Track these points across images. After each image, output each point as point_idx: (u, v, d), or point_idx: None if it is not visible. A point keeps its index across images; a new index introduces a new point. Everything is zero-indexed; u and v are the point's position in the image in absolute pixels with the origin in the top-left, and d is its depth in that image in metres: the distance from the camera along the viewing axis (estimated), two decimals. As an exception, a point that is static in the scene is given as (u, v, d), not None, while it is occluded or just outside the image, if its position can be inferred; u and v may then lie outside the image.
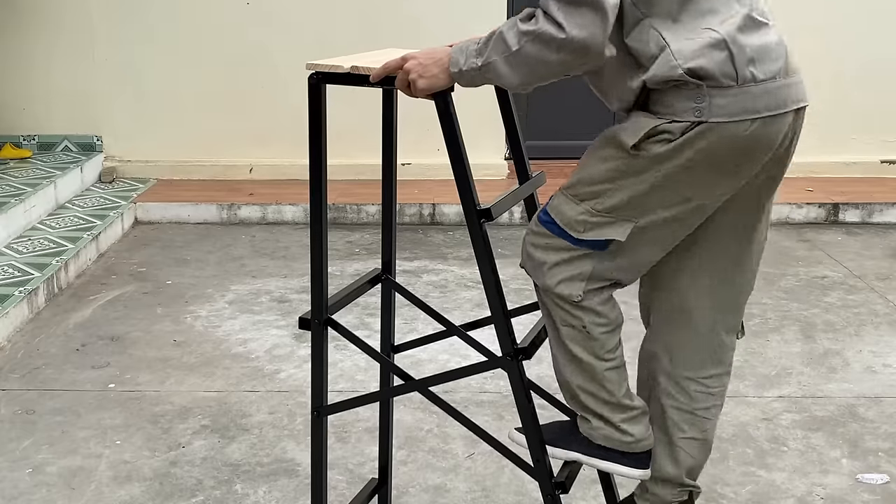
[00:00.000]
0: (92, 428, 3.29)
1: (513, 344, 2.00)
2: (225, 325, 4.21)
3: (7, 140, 6.33)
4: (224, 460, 3.08)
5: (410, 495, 2.88)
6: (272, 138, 6.35)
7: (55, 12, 6.24)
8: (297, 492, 2.89)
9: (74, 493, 2.89)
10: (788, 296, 4.59)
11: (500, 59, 1.87)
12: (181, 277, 4.84)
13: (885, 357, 3.89)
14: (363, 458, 3.08)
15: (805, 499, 2.88)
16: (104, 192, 6.09)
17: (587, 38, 1.79)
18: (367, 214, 5.80)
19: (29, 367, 3.76)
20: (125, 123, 6.42)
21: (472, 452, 3.10)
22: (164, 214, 5.86)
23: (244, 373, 3.73)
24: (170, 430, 3.28)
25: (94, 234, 5.14)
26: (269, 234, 5.64)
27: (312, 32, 6.15)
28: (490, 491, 2.90)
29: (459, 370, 2.16)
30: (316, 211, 2.08)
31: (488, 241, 1.97)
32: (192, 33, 6.30)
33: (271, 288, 4.68)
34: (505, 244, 5.32)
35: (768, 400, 3.51)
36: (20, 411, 3.41)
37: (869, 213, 5.89)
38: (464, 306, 4.43)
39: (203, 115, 6.38)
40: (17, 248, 4.86)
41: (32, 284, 4.33)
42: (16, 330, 4.09)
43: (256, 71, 6.31)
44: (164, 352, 3.93)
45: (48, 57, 6.30)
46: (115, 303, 4.48)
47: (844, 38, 6.35)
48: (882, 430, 3.29)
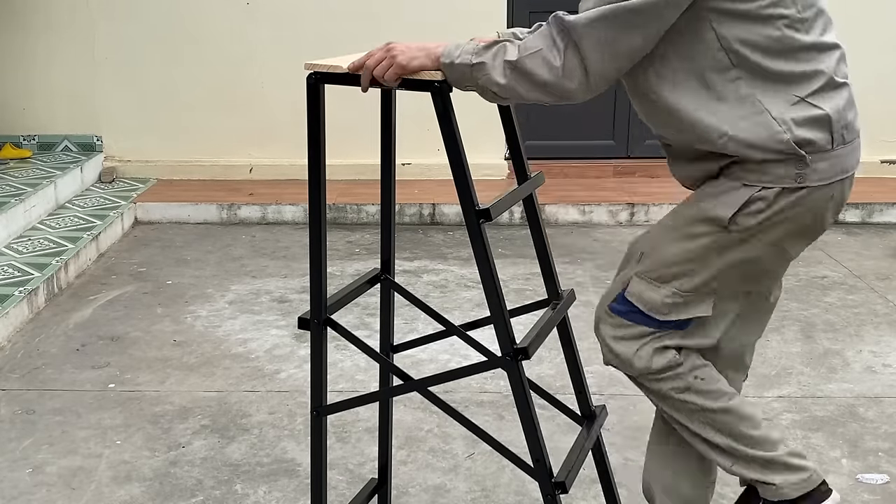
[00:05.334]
0: (92, 428, 3.29)
1: (513, 344, 1.99)
2: (225, 325, 4.21)
3: (7, 140, 6.33)
4: (224, 460, 3.08)
5: (410, 495, 2.88)
6: (272, 138, 6.35)
7: (55, 12, 6.25)
8: (297, 492, 2.89)
9: (74, 493, 2.89)
10: (788, 296, 4.59)
11: (493, 63, 1.88)
12: (181, 277, 4.84)
13: (885, 357, 3.89)
14: (363, 458, 3.08)
15: (805, 499, 2.87)
16: (104, 192, 6.09)
17: (574, 90, 1.84)
18: (367, 214, 5.80)
19: (29, 367, 3.76)
20: (125, 123, 6.42)
21: (472, 452, 3.10)
22: (164, 214, 5.86)
23: (244, 373, 3.73)
24: (170, 430, 3.28)
25: (94, 234, 5.14)
26: (269, 234, 5.64)
27: (312, 32, 6.15)
28: (490, 491, 2.90)
29: (459, 370, 2.15)
30: (315, 211, 2.08)
31: (488, 241, 1.97)
32: (192, 33, 6.30)
33: (271, 288, 4.68)
34: (505, 244, 5.32)
35: (768, 400, 3.51)
36: (20, 411, 3.41)
37: (869, 213, 5.89)
38: (464, 306, 4.43)
39: (203, 115, 6.39)
40: (17, 248, 4.86)
41: (32, 284, 4.33)
42: (16, 330, 4.09)
43: (256, 71, 6.31)
44: (164, 352, 3.93)
45: (48, 57, 6.31)
46: (115, 303, 4.48)
47: (844, 38, 6.33)
48: (882, 430, 3.29)
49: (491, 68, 1.87)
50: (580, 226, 5.75)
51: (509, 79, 1.87)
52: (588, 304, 4.30)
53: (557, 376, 3.58)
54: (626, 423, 3.29)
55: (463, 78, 1.91)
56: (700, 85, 1.89)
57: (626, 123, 6.54)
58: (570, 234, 5.54)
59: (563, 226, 5.77)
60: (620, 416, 3.32)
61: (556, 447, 2.78)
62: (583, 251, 5.27)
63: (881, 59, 6.43)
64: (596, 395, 2.89)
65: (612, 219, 5.83)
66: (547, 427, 2.62)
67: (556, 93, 1.86)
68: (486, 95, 1.94)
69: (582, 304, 4.23)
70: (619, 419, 3.30)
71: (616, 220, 5.82)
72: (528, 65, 1.85)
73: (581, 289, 4.54)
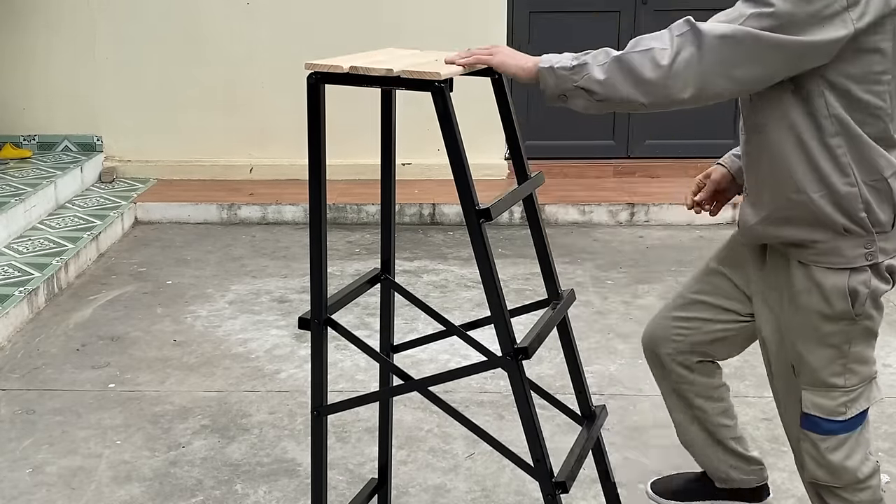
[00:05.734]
0: (92, 428, 3.29)
1: (513, 344, 1.99)
2: (225, 325, 4.21)
3: (7, 140, 6.33)
4: (224, 460, 3.08)
5: (410, 495, 2.88)
6: (272, 138, 6.35)
7: (55, 12, 6.25)
8: (297, 492, 2.89)
9: (74, 493, 2.89)
10: (788, 296, 4.58)
11: (594, 61, 1.90)
12: (181, 277, 4.84)
13: (885, 357, 3.88)
14: (363, 458, 3.08)
15: (805, 499, 2.86)
16: (104, 192, 6.09)
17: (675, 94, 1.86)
18: (367, 214, 5.80)
19: (29, 367, 3.76)
20: (125, 123, 6.42)
21: (472, 452, 3.10)
22: (164, 214, 5.86)
23: (244, 373, 3.73)
24: (170, 430, 3.28)
25: (94, 234, 5.14)
26: (269, 234, 5.64)
27: (312, 32, 6.15)
28: (490, 491, 2.90)
29: (459, 370, 2.16)
30: (315, 211, 2.08)
31: (488, 240, 1.97)
32: (191, 33, 6.30)
33: (271, 288, 4.68)
34: (505, 244, 5.32)
35: (768, 400, 3.49)
36: (20, 411, 3.41)
37: (869, 213, 5.88)
38: (464, 306, 4.43)
39: (203, 115, 6.38)
40: (17, 248, 4.86)
41: (32, 284, 4.33)
42: (16, 330, 4.09)
43: (256, 71, 6.31)
44: (164, 352, 3.93)
45: (48, 57, 6.31)
46: (115, 303, 4.48)
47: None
48: (882, 430, 3.29)
49: (592, 67, 1.90)
50: (580, 226, 5.75)
51: (609, 73, 1.88)
52: (588, 304, 4.30)
53: (557, 376, 3.58)
54: (626, 423, 3.29)
55: (561, 81, 1.92)
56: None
57: (626, 123, 6.54)
58: (570, 234, 5.54)
59: (563, 226, 5.77)
60: (620, 416, 3.32)
61: (556, 447, 2.78)
62: (583, 251, 5.27)
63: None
64: (596, 395, 2.89)
65: (612, 219, 5.83)
66: (547, 427, 2.62)
67: (655, 93, 1.87)
68: (577, 102, 1.96)
69: (582, 304, 4.24)
70: (619, 419, 3.30)
71: (616, 220, 5.82)
72: (634, 60, 1.87)
73: (581, 289, 4.54)
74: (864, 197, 1.95)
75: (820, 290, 2.01)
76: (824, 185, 1.95)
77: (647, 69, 1.86)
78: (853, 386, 2.07)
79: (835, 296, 2.00)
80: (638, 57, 1.87)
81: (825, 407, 2.08)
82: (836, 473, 2.13)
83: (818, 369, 2.06)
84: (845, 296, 1.99)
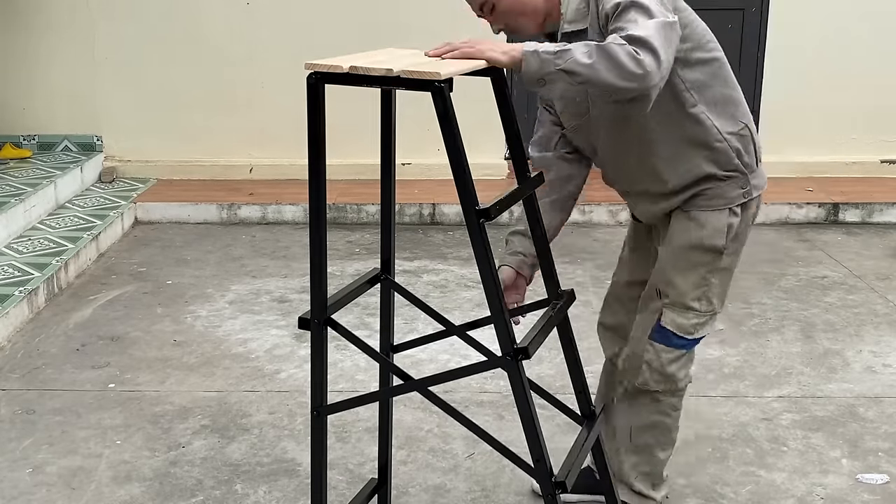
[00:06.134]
0: (92, 428, 3.29)
1: (513, 344, 1.99)
2: (225, 325, 4.21)
3: (7, 140, 6.33)
4: (224, 460, 3.08)
5: (410, 495, 2.88)
6: (272, 138, 6.35)
7: (55, 12, 6.24)
8: (297, 492, 2.89)
9: (74, 493, 2.89)
10: (788, 296, 4.59)
11: (577, 48, 2.00)
12: (181, 277, 4.84)
13: (885, 357, 3.89)
14: (363, 458, 3.08)
15: (805, 499, 2.88)
16: (104, 191, 6.09)
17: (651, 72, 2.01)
18: (367, 214, 5.80)
19: (29, 367, 3.76)
20: (125, 123, 6.42)
21: (472, 452, 3.11)
22: (164, 214, 5.86)
23: (244, 373, 3.73)
24: (170, 430, 3.28)
25: (94, 234, 5.15)
26: (269, 234, 5.64)
27: (312, 32, 6.15)
28: (490, 491, 2.90)
29: (459, 370, 2.15)
30: (315, 211, 2.08)
31: (488, 240, 1.97)
32: (191, 33, 6.30)
33: (271, 288, 4.68)
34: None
35: (768, 400, 3.51)
36: (20, 411, 3.41)
37: (869, 213, 5.89)
38: (464, 306, 4.43)
39: (203, 115, 6.38)
40: (17, 247, 4.86)
41: (32, 284, 4.33)
42: (16, 330, 4.09)
43: (256, 71, 6.31)
44: (164, 352, 3.93)
45: (48, 56, 6.31)
46: (115, 303, 4.48)
47: (845, 38, 6.34)
48: (882, 430, 3.29)
49: (576, 51, 2.00)
50: (580, 226, 5.75)
51: (595, 59, 1.99)
52: (588, 304, 4.30)
53: (557, 376, 3.58)
54: (626, 423, 3.29)
55: (544, 65, 2.00)
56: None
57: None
58: (570, 234, 5.54)
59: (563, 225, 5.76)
60: (620, 416, 3.32)
61: (556, 447, 2.78)
62: (583, 251, 5.27)
63: (882, 59, 6.43)
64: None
65: (612, 219, 5.83)
66: (547, 427, 2.61)
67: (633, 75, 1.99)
68: (556, 86, 2.17)
69: (582, 304, 4.23)
70: (619, 419, 3.30)
71: (616, 220, 5.82)
72: (614, 50, 2.00)
73: (581, 289, 4.54)
74: (734, 146, 2.35)
75: (700, 229, 2.39)
76: (702, 148, 2.34)
77: (625, 59, 1.99)
78: (705, 311, 2.45)
79: (715, 233, 2.38)
80: (616, 48, 2.00)
81: (681, 325, 2.45)
82: (667, 381, 2.51)
83: (684, 293, 2.43)
84: (723, 232, 2.38)
